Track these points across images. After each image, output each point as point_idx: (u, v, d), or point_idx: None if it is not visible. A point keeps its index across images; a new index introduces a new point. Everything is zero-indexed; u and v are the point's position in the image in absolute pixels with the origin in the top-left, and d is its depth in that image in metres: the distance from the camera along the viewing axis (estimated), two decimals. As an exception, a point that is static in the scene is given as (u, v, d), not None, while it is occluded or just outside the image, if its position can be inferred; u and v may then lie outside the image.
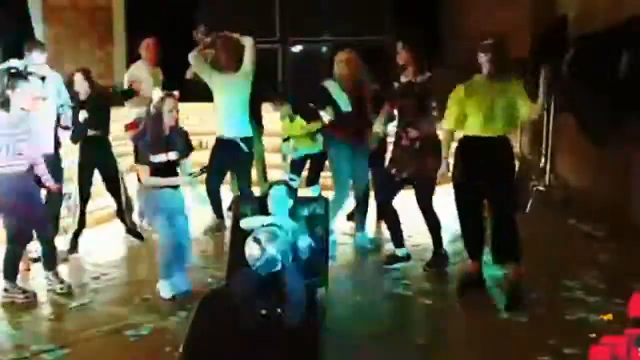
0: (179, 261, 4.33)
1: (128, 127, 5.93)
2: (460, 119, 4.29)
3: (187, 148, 4.36)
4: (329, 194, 5.00)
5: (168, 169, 4.26)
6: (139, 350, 3.59)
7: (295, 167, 6.12)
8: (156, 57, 6.15)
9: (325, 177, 6.00)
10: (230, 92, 5.53)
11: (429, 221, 4.86)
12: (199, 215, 5.50)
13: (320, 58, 10.56)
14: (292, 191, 3.79)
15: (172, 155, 4.26)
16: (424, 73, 4.81)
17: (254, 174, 6.17)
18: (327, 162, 5.73)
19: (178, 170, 4.32)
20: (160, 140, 4.20)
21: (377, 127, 5.11)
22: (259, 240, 3.53)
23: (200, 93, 5.91)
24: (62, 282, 4.52)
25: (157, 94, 4.29)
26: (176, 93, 4.57)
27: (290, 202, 3.77)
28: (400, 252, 4.96)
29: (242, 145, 5.50)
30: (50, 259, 4.54)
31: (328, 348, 3.09)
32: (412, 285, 4.59)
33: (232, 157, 5.58)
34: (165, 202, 4.25)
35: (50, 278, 4.52)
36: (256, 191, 5.78)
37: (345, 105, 5.23)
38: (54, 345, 3.62)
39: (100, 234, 5.94)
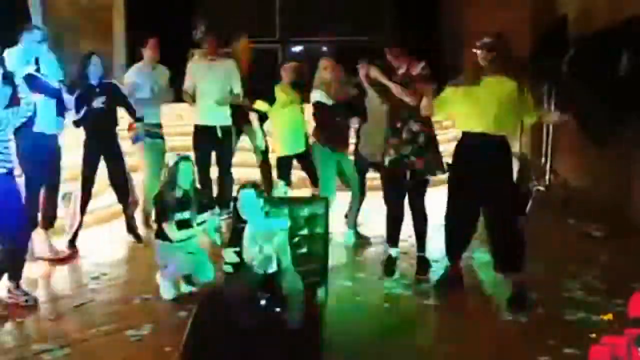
0: (188, 276, 4.43)
1: (130, 127, 5.94)
2: (445, 109, 4.39)
3: (200, 207, 4.41)
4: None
5: (184, 223, 4.31)
6: (139, 350, 3.59)
7: (282, 171, 5.81)
8: (158, 55, 6.04)
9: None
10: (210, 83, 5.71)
11: (419, 221, 4.83)
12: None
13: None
14: (260, 192, 3.73)
15: (187, 214, 4.30)
16: (416, 65, 4.74)
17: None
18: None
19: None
20: (177, 201, 4.26)
21: None
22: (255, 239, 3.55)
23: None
24: (26, 294, 4.22)
25: (171, 158, 4.29)
26: (191, 154, 4.56)
27: (260, 202, 3.71)
28: (394, 251, 4.94)
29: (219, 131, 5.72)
30: (15, 270, 4.22)
31: (328, 348, 3.09)
32: (412, 286, 4.59)
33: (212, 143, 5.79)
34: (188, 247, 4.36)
35: (12, 291, 4.22)
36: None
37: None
38: (54, 345, 3.62)
39: (100, 234, 5.95)
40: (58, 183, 5.25)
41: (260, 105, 5.77)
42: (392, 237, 4.93)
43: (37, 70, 4.91)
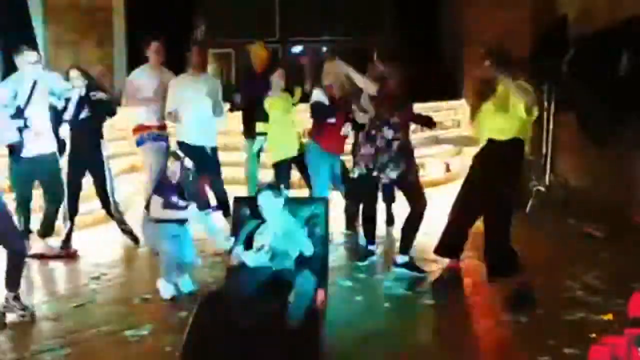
0: (181, 267, 4.41)
1: (135, 131, 5.98)
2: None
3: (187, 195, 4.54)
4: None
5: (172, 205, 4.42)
6: (139, 350, 3.59)
7: (281, 175, 5.71)
8: (163, 59, 6.04)
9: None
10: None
11: (416, 222, 4.86)
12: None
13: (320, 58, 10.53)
14: (278, 192, 3.78)
15: (182, 202, 4.43)
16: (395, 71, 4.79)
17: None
18: None
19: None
20: (173, 190, 4.42)
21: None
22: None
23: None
24: (24, 308, 3.99)
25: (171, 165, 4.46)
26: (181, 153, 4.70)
27: (280, 202, 3.77)
28: (371, 247, 5.12)
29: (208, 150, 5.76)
30: (12, 277, 4.00)
31: (328, 348, 3.09)
32: (412, 286, 4.59)
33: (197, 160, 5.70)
34: (173, 230, 4.41)
35: (9, 301, 3.98)
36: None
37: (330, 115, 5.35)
38: (54, 345, 3.62)
39: (99, 234, 5.94)
40: (59, 200, 5.28)
41: (262, 127, 5.76)
42: (369, 236, 5.12)
43: (29, 97, 4.93)
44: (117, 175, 6.41)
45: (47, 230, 5.30)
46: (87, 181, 5.65)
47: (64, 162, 5.36)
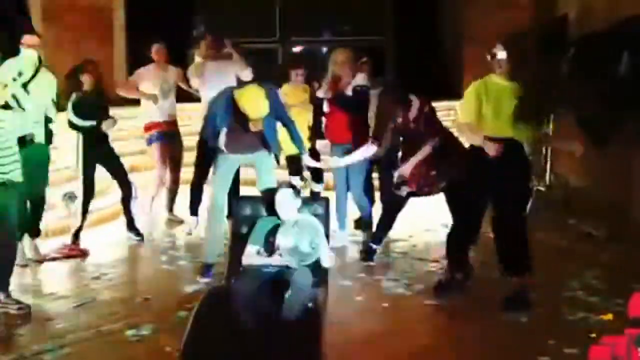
0: None
1: (146, 129, 6.15)
2: (478, 113, 4.24)
3: None
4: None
5: None
6: (138, 350, 3.59)
7: (292, 168, 5.90)
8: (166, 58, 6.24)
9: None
10: None
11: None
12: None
13: (320, 58, 10.55)
14: (297, 192, 3.79)
15: None
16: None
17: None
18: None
19: None
20: None
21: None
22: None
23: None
24: (18, 302, 4.07)
25: None
26: None
27: (298, 203, 3.77)
28: (374, 245, 5.12)
29: None
30: (3, 278, 4.07)
31: (328, 348, 3.08)
32: (412, 285, 4.59)
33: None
34: None
35: (2, 300, 4.05)
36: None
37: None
38: (54, 345, 3.61)
39: (100, 234, 5.95)
40: (44, 194, 5.14)
41: None
42: (382, 237, 5.16)
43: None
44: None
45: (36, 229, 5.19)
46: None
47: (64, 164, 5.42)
